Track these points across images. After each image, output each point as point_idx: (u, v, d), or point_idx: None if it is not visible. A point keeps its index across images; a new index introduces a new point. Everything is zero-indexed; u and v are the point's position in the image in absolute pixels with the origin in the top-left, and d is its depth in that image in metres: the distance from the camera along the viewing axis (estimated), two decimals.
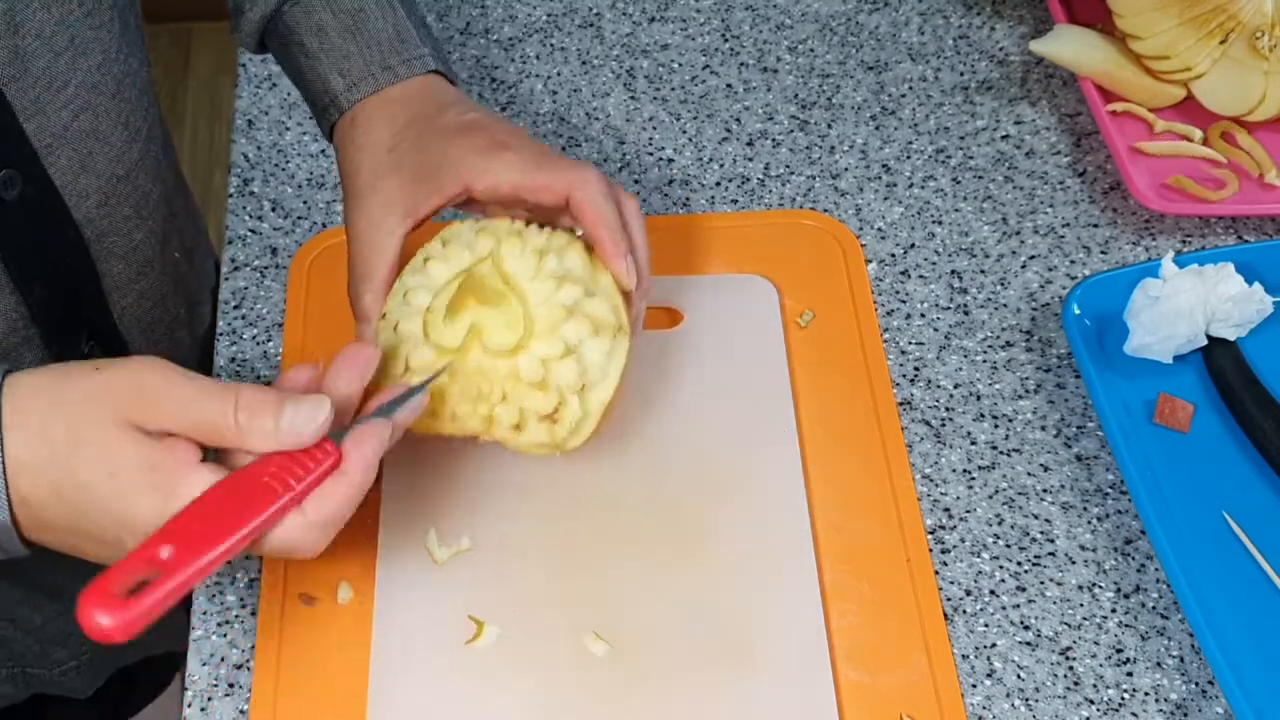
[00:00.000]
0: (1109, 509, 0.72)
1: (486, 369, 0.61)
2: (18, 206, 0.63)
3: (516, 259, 0.63)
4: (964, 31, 0.96)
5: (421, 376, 0.60)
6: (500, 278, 0.62)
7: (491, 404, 0.61)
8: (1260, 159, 0.85)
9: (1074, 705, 0.65)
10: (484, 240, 0.63)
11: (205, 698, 0.64)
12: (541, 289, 0.62)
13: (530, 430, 0.61)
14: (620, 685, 0.64)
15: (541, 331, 0.61)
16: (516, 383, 0.60)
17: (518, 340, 0.60)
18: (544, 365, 0.61)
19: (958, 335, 0.79)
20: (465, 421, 0.61)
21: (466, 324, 0.61)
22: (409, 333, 0.62)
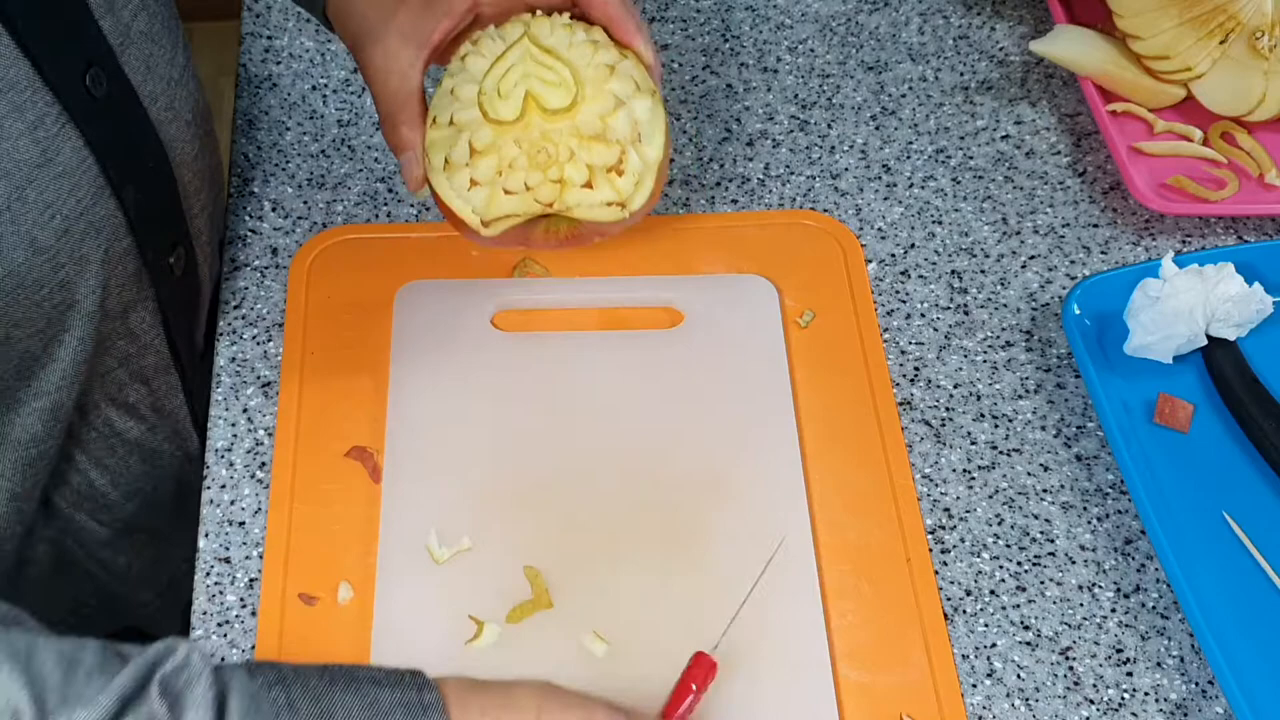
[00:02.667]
0: (1109, 509, 0.72)
1: (549, 133, 0.62)
2: (106, 106, 0.64)
3: (549, 34, 0.65)
4: (964, 31, 0.96)
5: (486, 158, 0.63)
6: (540, 49, 0.64)
7: (561, 164, 0.62)
8: (1260, 159, 0.85)
9: (1074, 705, 0.65)
10: (512, 28, 0.65)
11: None
12: (580, 54, 0.64)
13: (600, 187, 0.63)
14: (620, 685, 0.64)
15: (591, 92, 0.63)
16: (579, 139, 0.63)
17: (572, 98, 0.62)
18: (600, 120, 0.63)
19: (958, 335, 0.79)
20: (539, 190, 0.63)
21: (521, 94, 0.62)
22: (466, 120, 0.63)
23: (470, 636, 0.65)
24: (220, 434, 0.72)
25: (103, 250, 0.66)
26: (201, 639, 0.65)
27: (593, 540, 0.68)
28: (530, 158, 0.63)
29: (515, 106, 0.63)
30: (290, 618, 0.65)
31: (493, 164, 0.63)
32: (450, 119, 0.64)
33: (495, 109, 0.63)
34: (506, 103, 0.63)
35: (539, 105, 0.62)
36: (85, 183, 0.63)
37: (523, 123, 0.62)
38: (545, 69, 0.63)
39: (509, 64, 0.63)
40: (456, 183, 0.64)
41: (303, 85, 0.90)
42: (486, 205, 0.64)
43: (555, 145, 0.62)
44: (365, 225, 0.82)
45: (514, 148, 0.63)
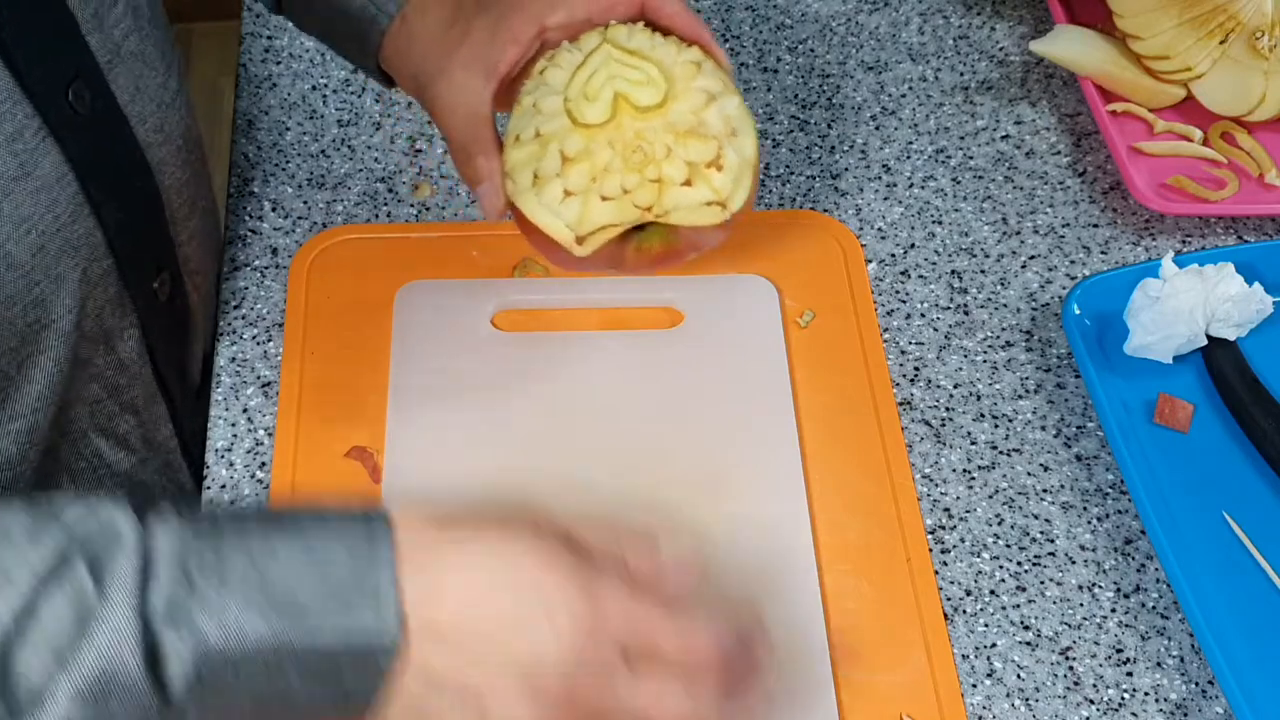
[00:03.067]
0: (1109, 509, 0.72)
1: (643, 131, 0.60)
2: (89, 121, 0.63)
3: (629, 37, 0.63)
4: (964, 31, 0.96)
5: (579, 165, 0.60)
6: (623, 51, 0.62)
7: (658, 162, 0.60)
8: (1260, 159, 0.85)
9: (1074, 705, 0.65)
10: (589, 38, 0.63)
11: None
12: (665, 53, 0.62)
13: (699, 185, 0.60)
14: None
15: (681, 89, 0.61)
16: (675, 135, 0.60)
17: (663, 95, 0.60)
18: (694, 115, 0.61)
19: (958, 335, 0.79)
20: (637, 193, 0.60)
21: (609, 95, 0.60)
22: (553, 131, 0.61)
23: None
24: (220, 434, 0.72)
25: (80, 269, 0.65)
26: None
27: None
28: (625, 159, 0.60)
29: (604, 108, 0.60)
30: None
31: (586, 170, 0.60)
32: (535, 133, 0.61)
33: (583, 113, 0.60)
34: (595, 105, 0.60)
35: (629, 104, 0.60)
36: (64, 199, 0.62)
37: (614, 124, 0.60)
38: (631, 69, 0.61)
39: (592, 69, 0.61)
40: (548, 197, 0.61)
41: (303, 85, 0.90)
42: (581, 218, 0.60)
43: (650, 143, 0.60)
44: (365, 225, 0.82)
45: (608, 150, 0.60)
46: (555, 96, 0.61)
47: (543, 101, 0.62)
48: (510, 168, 0.62)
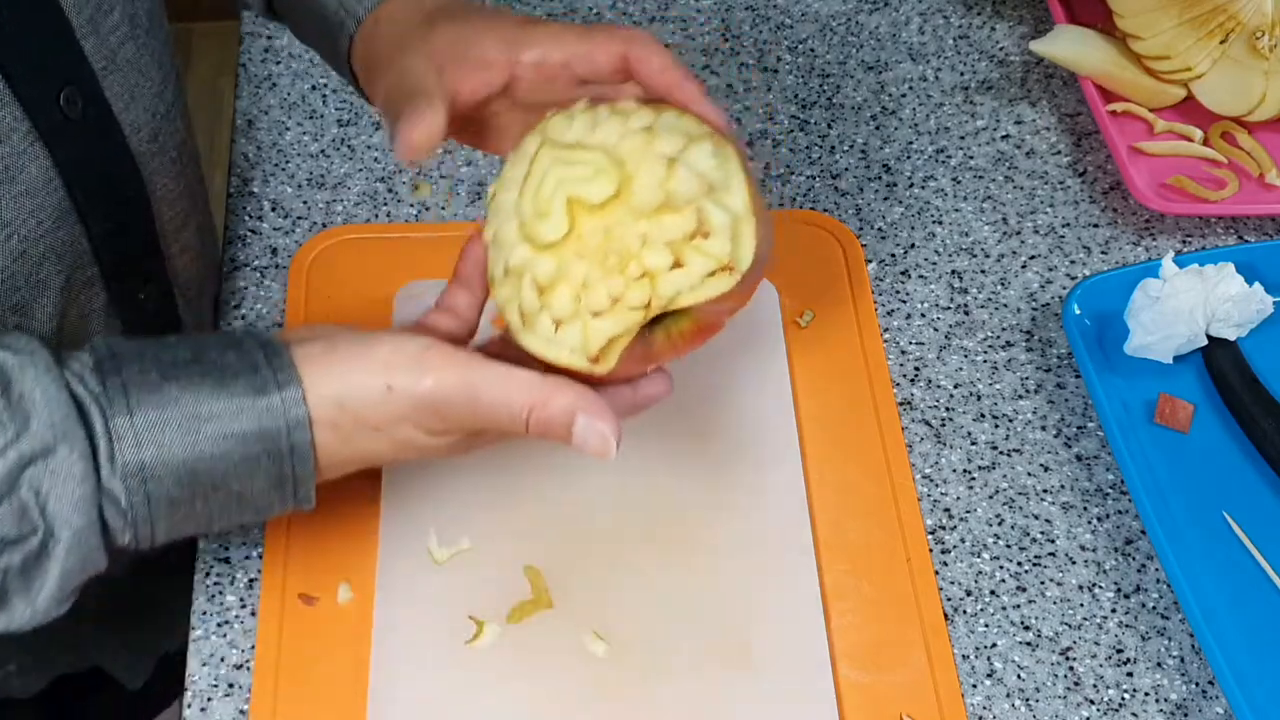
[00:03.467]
0: (1109, 509, 0.72)
1: (609, 229, 0.54)
2: (80, 127, 0.62)
3: (568, 128, 0.57)
4: (964, 31, 0.95)
5: (556, 291, 0.55)
6: (563, 149, 0.57)
7: (638, 256, 0.53)
8: (1260, 159, 0.85)
9: (1074, 705, 0.65)
10: (530, 140, 0.58)
11: (205, 698, 0.64)
12: (609, 131, 0.56)
13: (690, 261, 0.54)
14: (620, 685, 0.64)
15: (635, 166, 0.54)
16: (645, 218, 0.54)
17: (617, 182, 0.54)
18: (659, 188, 0.54)
19: (958, 335, 0.79)
20: (628, 296, 0.54)
21: (561, 202, 0.55)
22: (520, 261, 0.56)
23: (470, 636, 0.65)
24: None
25: (64, 277, 0.64)
26: (201, 639, 0.65)
27: (593, 540, 0.68)
28: (602, 266, 0.54)
29: (560, 220, 0.54)
30: (290, 618, 0.65)
31: (567, 293, 0.54)
32: (505, 268, 0.56)
33: (540, 233, 0.55)
34: (549, 220, 0.55)
35: (584, 205, 0.54)
36: (49, 205, 0.61)
37: (575, 233, 0.54)
38: (576, 165, 0.55)
39: (538, 179, 0.55)
40: (541, 332, 0.55)
41: (302, 85, 0.90)
42: (584, 341, 0.55)
43: (621, 239, 0.54)
44: (365, 225, 0.81)
45: (580, 264, 0.54)
46: (511, 222, 0.56)
47: (501, 231, 0.57)
48: (500, 305, 0.58)
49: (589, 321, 0.54)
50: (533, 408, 0.54)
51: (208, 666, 0.65)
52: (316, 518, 0.68)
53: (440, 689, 0.63)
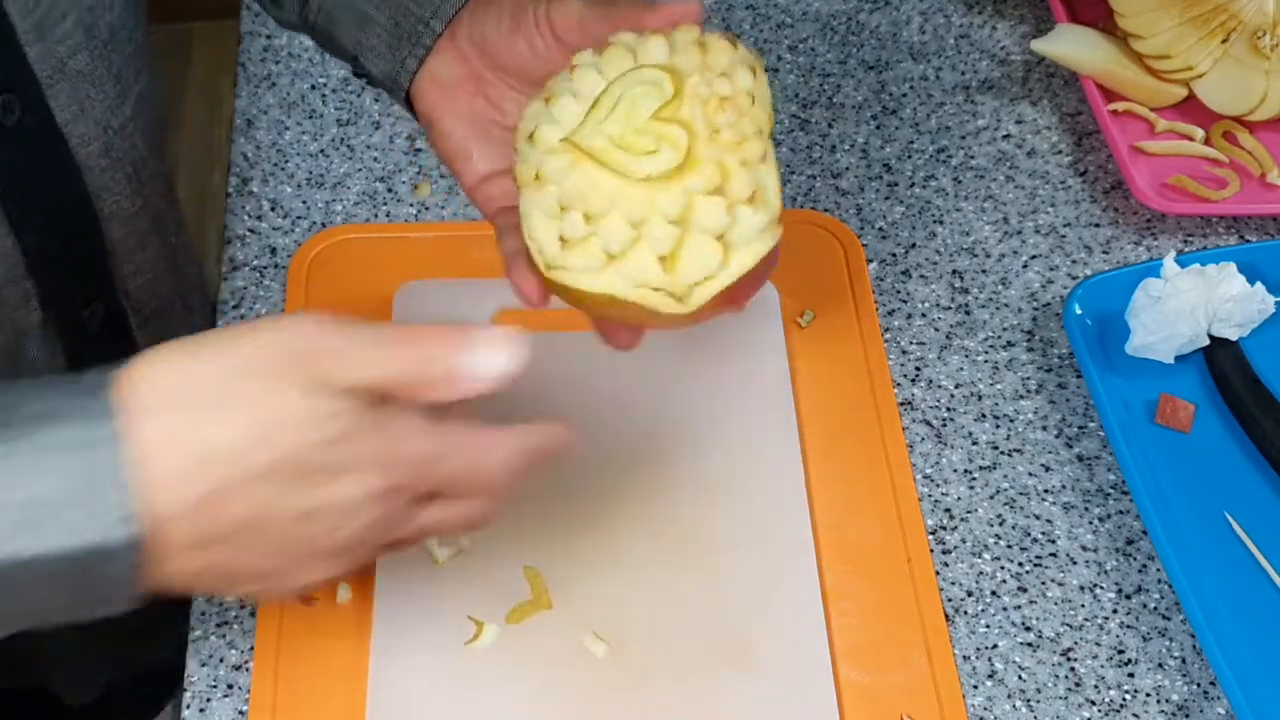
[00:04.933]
0: (1110, 509, 0.72)
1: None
2: (17, 135, 0.60)
3: (628, 55, 0.55)
4: (965, 31, 0.95)
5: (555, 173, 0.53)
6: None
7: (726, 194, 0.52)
8: (1262, 158, 0.85)
9: (1075, 706, 0.65)
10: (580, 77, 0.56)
11: (204, 699, 0.64)
12: (673, 57, 0.55)
13: (752, 217, 0.52)
14: (620, 685, 0.64)
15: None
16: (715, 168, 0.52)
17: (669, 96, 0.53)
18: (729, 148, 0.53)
19: (959, 335, 0.78)
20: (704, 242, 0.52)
21: (661, 132, 0.53)
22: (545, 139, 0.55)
23: (470, 637, 0.65)
24: None
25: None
26: (200, 640, 0.65)
27: (593, 540, 0.68)
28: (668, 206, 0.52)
29: (670, 150, 0.53)
30: (289, 618, 0.65)
31: (630, 224, 0.52)
32: (529, 134, 0.55)
33: (638, 165, 0.53)
34: (650, 148, 0.53)
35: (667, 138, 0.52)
36: None
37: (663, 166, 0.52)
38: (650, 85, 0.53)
39: (622, 101, 0.54)
40: (591, 259, 0.53)
41: (302, 84, 0.90)
42: (670, 275, 0.53)
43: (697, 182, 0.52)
44: (364, 225, 0.81)
45: (648, 196, 0.52)
46: (574, 100, 0.55)
47: (558, 104, 0.55)
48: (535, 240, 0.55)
49: (681, 251, 0.52)
50: (412, 340, 0.48)
51: (207, 667, 0.64)
52: None
53: (440, 689, 0.63)
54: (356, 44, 0.64)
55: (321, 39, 0.67)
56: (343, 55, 0.66)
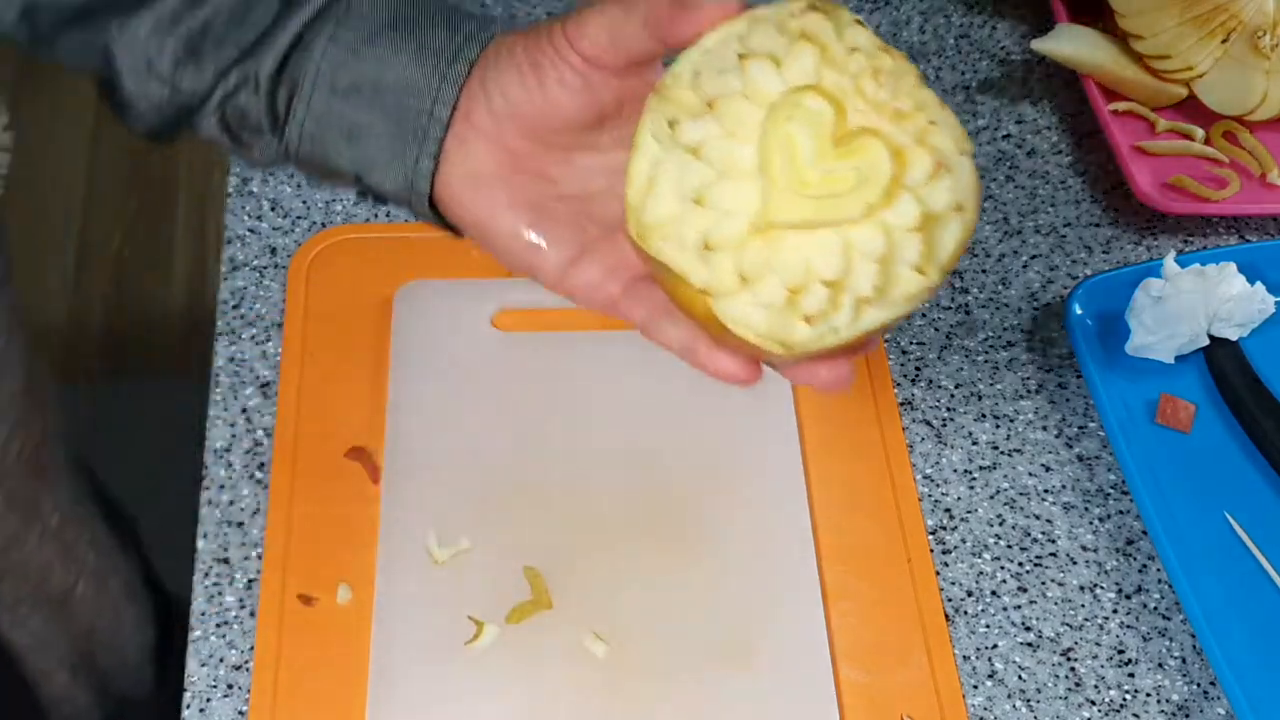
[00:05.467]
0: (1110, 509, 0.72)
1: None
2: None
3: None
4: (965, 30, 0.95)
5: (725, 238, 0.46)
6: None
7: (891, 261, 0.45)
8: (1262, 158, 0.85)
9: (1075, 706, 0.65)
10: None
11: (204, 699, 0.64)
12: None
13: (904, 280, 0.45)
14: (620, 685, 0.64)
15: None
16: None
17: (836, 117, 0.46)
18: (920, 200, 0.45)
19: (959, 335, 0.78)
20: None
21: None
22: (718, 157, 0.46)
23: (470, 637, 0.65)
24: (219, 434, 0.72)
25: None
26: (200, 640, 0.65)
27: (593, 540, 0.68)
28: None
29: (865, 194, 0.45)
30: (289, 618, 0.65)
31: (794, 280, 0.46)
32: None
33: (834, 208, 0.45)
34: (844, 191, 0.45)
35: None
36: None
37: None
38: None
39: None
40: (752, 302, 0.46)
41: None
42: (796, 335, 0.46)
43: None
44: (364, 225, 0.81)
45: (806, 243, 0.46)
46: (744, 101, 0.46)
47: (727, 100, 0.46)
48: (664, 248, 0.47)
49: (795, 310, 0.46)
50: None
51: (206, 667, 0.64)
52: (316, 518, 0.68)
53: (439, 690, 0.63)
54: (355, 161, 0.54)
55: (311, 168, 0.56)
56: (342, 179, 0.56)
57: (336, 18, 0.52)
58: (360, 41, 0.52)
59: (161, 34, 0.52)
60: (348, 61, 0.52)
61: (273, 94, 0.53)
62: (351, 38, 0.52)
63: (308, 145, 0.54)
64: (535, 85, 0.51)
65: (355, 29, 0.53)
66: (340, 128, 0.53)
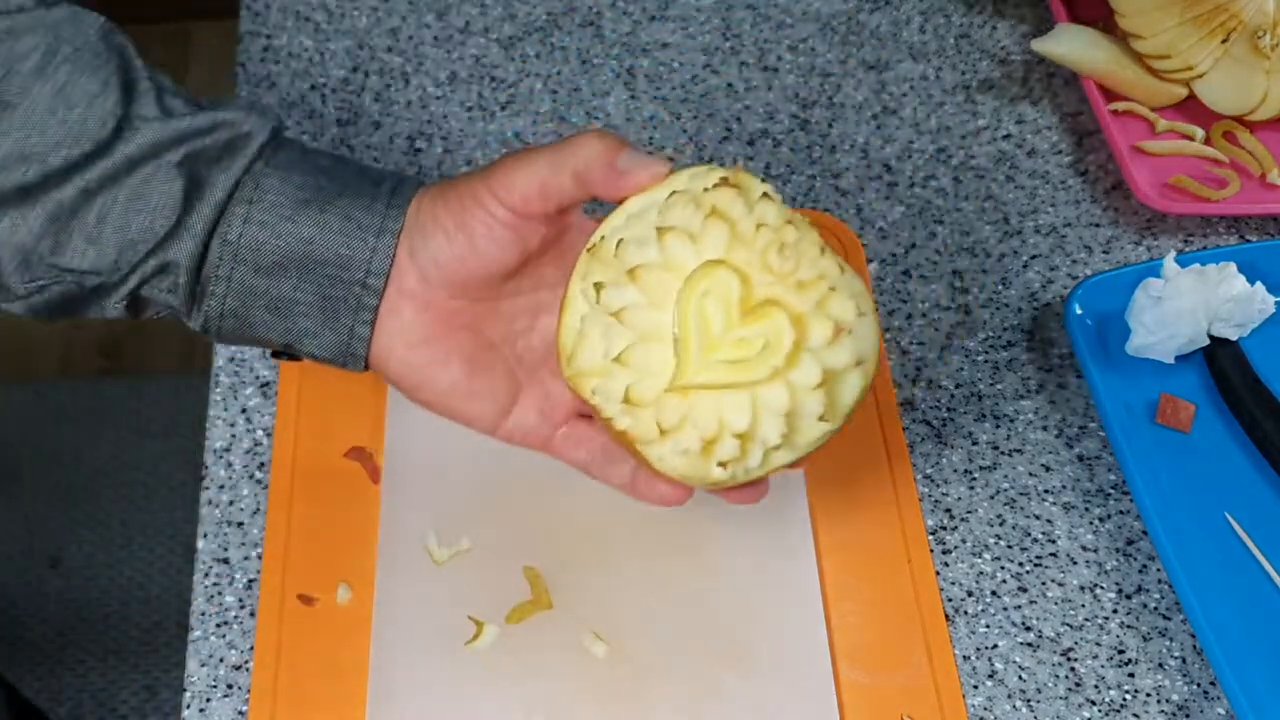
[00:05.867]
0: (1110, 509, 0.72)
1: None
2: None
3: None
4: (965, 30, 0.95)
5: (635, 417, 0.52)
6: None
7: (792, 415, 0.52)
8: (1262, 158, 0.85)
9: (1075, 706, 0.65)
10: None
11: (204, 699, 0.64)
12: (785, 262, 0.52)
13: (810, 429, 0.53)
14: (620, 685, 0.64)
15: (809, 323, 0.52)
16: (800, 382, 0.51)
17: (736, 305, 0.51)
18: (819, 365, 0.52)
19: (959, 335, 0.78)
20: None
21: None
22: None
23: (470, 637, 0.65)
24: (219, 434, 0.72)
25: None
26: (200, 640, 0.65)
27: (593, 540, 0.68)
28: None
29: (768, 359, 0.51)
30: (289, 618, 0.65)
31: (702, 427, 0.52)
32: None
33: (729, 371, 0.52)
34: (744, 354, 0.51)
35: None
36: None
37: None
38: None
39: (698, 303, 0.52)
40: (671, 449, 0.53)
41: (301, 84, 0.90)
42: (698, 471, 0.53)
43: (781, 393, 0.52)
44: None
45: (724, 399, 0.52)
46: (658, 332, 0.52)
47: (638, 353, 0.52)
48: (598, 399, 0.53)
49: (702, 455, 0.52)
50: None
51: (206, 667, 0.64)
52: (316, 518, 0.68)
53: (439, 690, 0.63)
54: (284, 333, 0.56)
55: (231, 340, 0.57)
56: (271, 346, 0.58)
57: (249, 199, 0.54)
58: (280, 220, 0.54)
59: (55, 228, 0.53)
60: (269, 241, 0.54)
61: (193, 279, 0.54)
62: (268, 218, 0.54)
63: (230, 321, 0.56)
64: (465, 244, 0.54)
65: (271, 209, 0.54)
66: (265, 303, 0.55)
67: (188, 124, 0.53)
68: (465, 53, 0.92)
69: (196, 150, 0.54)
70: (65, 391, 1.80)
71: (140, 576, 1.65)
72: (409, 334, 0.55)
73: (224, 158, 0.54)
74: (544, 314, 0.58)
